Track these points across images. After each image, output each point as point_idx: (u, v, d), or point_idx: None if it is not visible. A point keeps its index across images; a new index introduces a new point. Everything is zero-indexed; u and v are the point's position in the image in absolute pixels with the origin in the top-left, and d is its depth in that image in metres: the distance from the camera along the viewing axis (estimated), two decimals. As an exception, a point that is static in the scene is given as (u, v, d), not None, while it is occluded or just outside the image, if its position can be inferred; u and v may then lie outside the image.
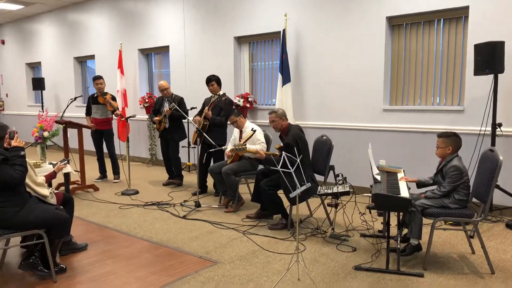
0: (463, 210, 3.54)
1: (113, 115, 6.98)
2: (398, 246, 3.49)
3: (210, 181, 6.16)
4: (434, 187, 3.76)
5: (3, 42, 12.82)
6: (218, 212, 5.27)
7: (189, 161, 7.83)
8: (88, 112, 7.13)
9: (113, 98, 7.03)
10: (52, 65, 11.12)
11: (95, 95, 7.04)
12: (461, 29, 5.25)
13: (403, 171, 4.20)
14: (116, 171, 7.19)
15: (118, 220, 5.00)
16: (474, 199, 3.70)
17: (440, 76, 5.46)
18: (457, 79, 5.34)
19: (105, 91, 7.04)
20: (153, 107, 6.84)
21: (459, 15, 5.22)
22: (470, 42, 5.00)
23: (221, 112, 5.90)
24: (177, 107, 6.09)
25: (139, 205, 5.63)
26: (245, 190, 5.95)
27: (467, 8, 5.05)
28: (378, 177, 3.81)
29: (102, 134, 7.09)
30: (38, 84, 10.62)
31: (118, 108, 6.96)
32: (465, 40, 5.17)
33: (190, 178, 7.22)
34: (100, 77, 7.02)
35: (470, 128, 5.08)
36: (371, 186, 3.85)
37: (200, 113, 6.09)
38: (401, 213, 3.75)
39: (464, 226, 3.91)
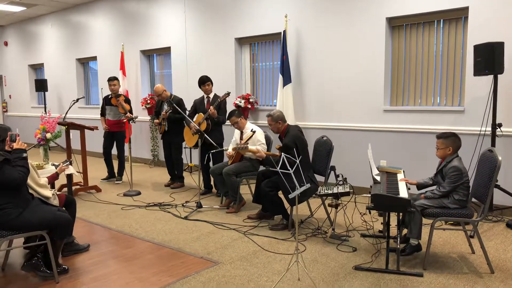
0: (463, 210, 3.56)
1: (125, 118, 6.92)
2: (398, 246, 3.51)
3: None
4: (435, 187, 3.78)
5: (6, 44, 12.88)
6: (219, 213, 5.29)
7: (191, 162, 7.86)
8: (103, 113, 7.19)
9: (127, 100, 7.01)
10: (55, 66, 11.17)
11: (110, 96, 7.07)
12: (461, 29, 5.26)
13: (403, 171, 4.22)
14: (120, 173, 7.23)
15: (120, 221, 5.03)
16: (474, 199, 3.72)
17: (440, 76, 5.48)
18: (457, 80, 5.35)
19: (119, 93, 7.07)
20: (154, 109, 6.86)
21: (458, 16, 5.23)
22: (470, 42, 5.01)
23: (219, 111, 5.97)
24: (172, 110, 6.11)
25: (141, 206, 5.66)
26: (246, 190, 5.97)
27: (466, 8, 5.06)
28: (378, 178, 3.83)
29: (113, 136, 7.11)
30: (40, 85, 10.66)
31: (129, 111, 6.81)
32: (465, 41, 5.19)
33: (192, 179, 7.24)
34: (114, 78, 7.04)
35: (470, 128, 5.09)
36: (371, 186, 3.88)
37: (192, 116, 6.10)
38: (401, 214, 3.77)
39: (463, 226, 3.93)
